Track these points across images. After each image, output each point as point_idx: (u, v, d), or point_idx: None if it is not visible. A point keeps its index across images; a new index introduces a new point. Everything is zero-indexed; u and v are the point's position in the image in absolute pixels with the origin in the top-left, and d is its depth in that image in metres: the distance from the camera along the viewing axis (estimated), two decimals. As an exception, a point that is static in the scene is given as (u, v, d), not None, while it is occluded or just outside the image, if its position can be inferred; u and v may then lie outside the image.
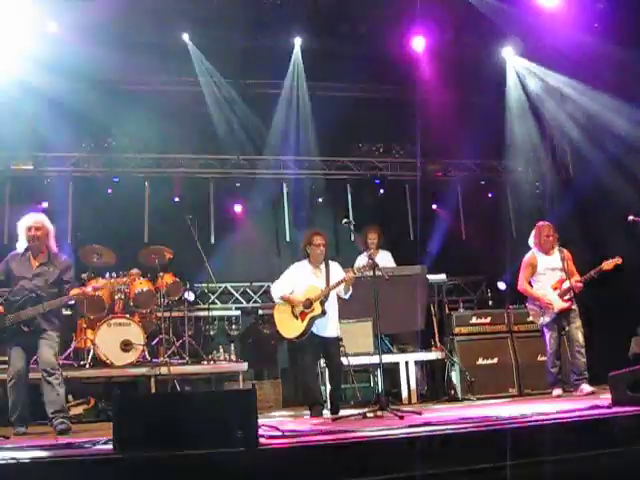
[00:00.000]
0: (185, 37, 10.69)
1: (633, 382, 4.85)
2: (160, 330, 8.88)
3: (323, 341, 6.97)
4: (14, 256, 6.37)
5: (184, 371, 8.51)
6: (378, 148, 12.21)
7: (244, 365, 8.73)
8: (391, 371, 8.60)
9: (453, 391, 8.47)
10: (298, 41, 11.13)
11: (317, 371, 7.61)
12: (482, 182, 12.43)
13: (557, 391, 7.40)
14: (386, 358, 8.05)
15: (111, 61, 9.66)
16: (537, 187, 12.24)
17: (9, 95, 9.39)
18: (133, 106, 10.40)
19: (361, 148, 12.18)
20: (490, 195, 12.46)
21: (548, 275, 7.57)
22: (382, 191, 12.04)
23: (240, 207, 11.65)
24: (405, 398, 8.47)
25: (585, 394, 6.95)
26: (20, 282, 6.18)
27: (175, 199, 11.29)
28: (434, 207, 12.26)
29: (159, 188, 11.33)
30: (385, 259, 9.29)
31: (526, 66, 11.32)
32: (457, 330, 8.67)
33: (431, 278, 9.44)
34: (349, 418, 5.94)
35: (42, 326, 6.12)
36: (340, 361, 7.17)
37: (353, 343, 7.99)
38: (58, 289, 6.31)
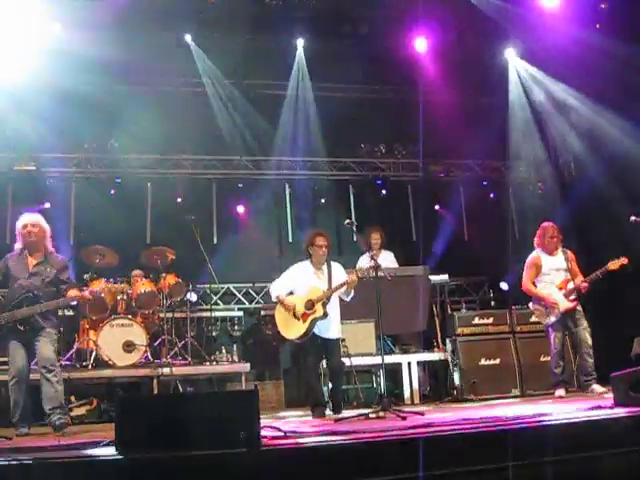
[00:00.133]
0: (188, 38, 10.73)
1: (635, 383, 4.84)
2: (162, 331, 8.89)
3: (325, 342, 6.96)
4: (11, 256, 6.38)
5: (186, 372, 8.52)
6: (380, 149, 12.21)
7: (246, 366, 8.73)
8: (393, 372, 8.60)
9: (455, 392, 8.46)
10: (300, 42, 11.15)
11: (319, 372, 7.60)
12: (484, 183, 12.43)
13: (560, 392, 7.38)
14: (388, 359, 8.04)
15: (114, 61, 9.68)
16: (539, 188, 12.22)
17: (12, 96, 9.40)
18: (136, 107, 10.41)
19: (363, 149, 12.17)
20: (492, 196, 12.45)
21: (553, 275, 7.57)
22: (384, 192, 12.04)
23: (242, 208, 11.66)
24: (407, 399, 8.48)
25: (599, 394, 6.90)
26: (17, 281, 6.19)
27: (178, 200, 11.29)
28: (436, 208, 12.26)
29: (162, 189, 11.34)
30: (388, 259, 9.29)
31: (528, 69, 11.34)
32: (459, 331, 8.65)
33: (433, 279, 9.45)
34: (351, 419, 5.93)
35: (40, 324, 6.13)
36: (341, 361, 7.17)
37: (355, 344, 8.00)
38: (55, 289, 6.32)
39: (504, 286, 11.18)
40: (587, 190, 10.08)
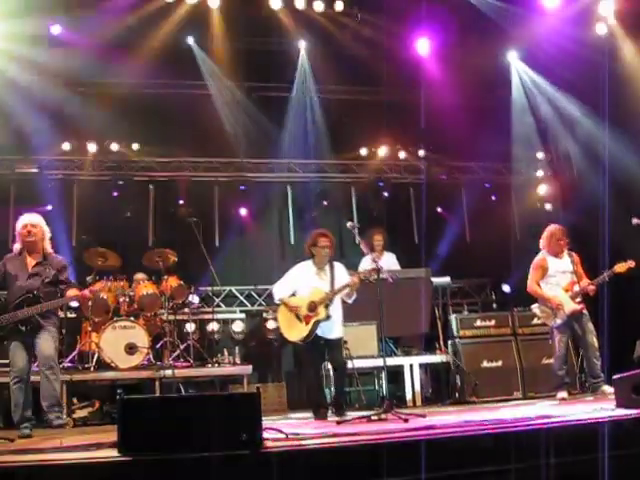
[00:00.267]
0: (190, 40, 10.75)
1: (638, 385, 4.83)
2: (165, 333, 8.89)
3: (327, 343, 6.96)
4: (10, 258, 6.39)
5: (188, 374, 8.52)
6: (382, 151, 12.19)
7: (248, 368, 8.74)
8: (395, 374, 8.60)
9: (457, 394, 8.46)
10: (302, 44, 11.17)
11: (321, 374, 7.60)
12: (486, 185, 12.41)
13: (562, 394, 7.36)
14: (390, 361, 8.06)
15: (115, 64, 9.69)
16: (541, 190, 12.21)
17: (14, 99, 9.41)
18: (138, 109, 10.43)
19: (365, 151, 12.15)
20: (494, 198, 12.43)
21: (559, 277, 7.57)
22: (386, 194, 12.03)
23: (245, 210, 11.65)
24: (409, 401, 8.48)
25: (609, 395, 6.85)
26: (17, 282, 6.20)
27: (180, 202, 11.28)
28: (438, 210, 12.24)
29: (163, 191, 11.34)
30: (390, 261, 9.29)
31: (528, 73, 11.35)
32: (461, 333, 8.66)
33: (435, 281, 9.45)
34: (353, 421, 5.93)
35: (40, 324, 6.14)
36: (344, 362, 7.17)
37: (357, 346, 8.00)
38: (55, 289, 6.33)
39: (506, 288, 11.18)
40: (589, 193, 10.07)
